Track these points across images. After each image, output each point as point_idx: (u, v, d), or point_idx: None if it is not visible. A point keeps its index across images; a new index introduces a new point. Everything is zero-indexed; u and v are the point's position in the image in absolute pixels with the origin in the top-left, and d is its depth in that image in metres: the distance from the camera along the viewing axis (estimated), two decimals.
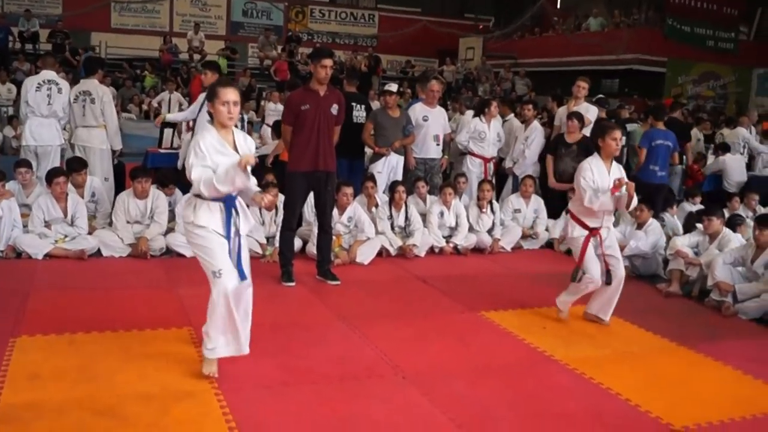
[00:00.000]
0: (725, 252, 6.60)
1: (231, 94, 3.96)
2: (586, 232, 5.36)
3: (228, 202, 4.02)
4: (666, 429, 3.91)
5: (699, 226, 7.21)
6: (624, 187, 5.21)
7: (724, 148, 11.09)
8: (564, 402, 4.19)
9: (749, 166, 11.47)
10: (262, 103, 14.46)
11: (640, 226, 7.39)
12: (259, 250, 6.89)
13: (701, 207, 8.50)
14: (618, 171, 5.38)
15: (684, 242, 6.96)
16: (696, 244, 7.00)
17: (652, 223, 7.43)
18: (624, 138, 9.27)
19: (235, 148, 4.03)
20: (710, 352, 5.14)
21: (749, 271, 6.39)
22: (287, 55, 18.35)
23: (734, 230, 7.33)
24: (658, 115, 8.82)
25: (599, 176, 5.27)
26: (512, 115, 10.04)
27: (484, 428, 3.78)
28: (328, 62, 6.07)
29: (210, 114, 4.10)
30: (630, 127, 9.98)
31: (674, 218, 8.34)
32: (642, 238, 7.25)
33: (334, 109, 6.22)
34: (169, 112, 14.43)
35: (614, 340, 5.35)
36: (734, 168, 10.48)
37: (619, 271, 5.51)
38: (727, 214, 8.20)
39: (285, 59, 18.33)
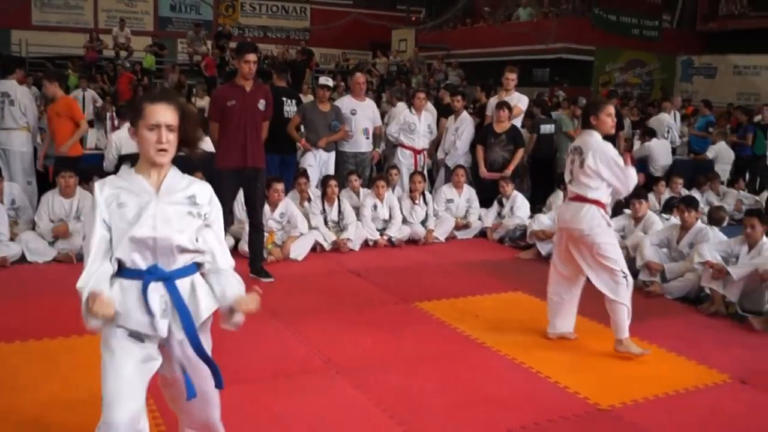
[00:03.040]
0: (651, 234, 6.80)
1: (162, 114, 2.58)
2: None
3: (146, 279, 2.58)
4: (593, 409, 4.03)
5: (626, 210, 7.40)
6: None
7: (650, 133, 11.38)
8: (496, 387, 4.27)
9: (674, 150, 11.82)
10: (192, 99, 14.25)
11: None
12: None
13: None
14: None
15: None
16: (622, 228, 7.18)
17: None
18: (552, 127, 9.51)
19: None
20: (636, 332, 5.25)
21: (675, 251, 6.60)
22: (219, 51, 18.09)
23: (671, 212, 7.57)
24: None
25: None
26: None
27: (418, 417, 3.82)
28: (252, 57, 6.01)
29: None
30: (555, 115, 10.17)
31: None
32: None
33: (261, 104, 6.17)
34: (83, 109, 14.11)
35: (545, 325, 5.43)
36: (660, 153, 10.76)
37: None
38: (652, 198, 8.45)
39: (215, 55, 18.07)
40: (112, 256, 2.57)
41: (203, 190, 2.71)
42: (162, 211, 2.57)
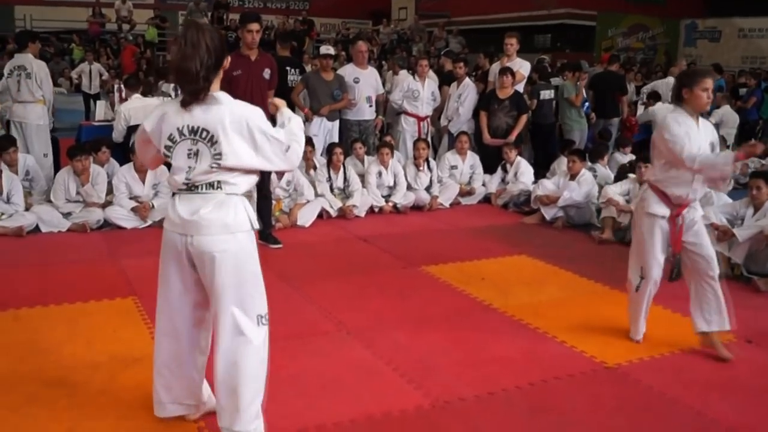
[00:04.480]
0: None
1: None
2: (667, 211, 4.23)
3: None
4: (600, 367, 4.10)
5: (631, 175, 7.43)
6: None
7: (654, 97, 11.36)
8: (503, 346, 4.35)
9: None
10: None
11: (573, 177, 7.59)
12: None
13: (632, 157, 8.73)
14: (711, 131, 4.30)
15: (615, 190, 7.17)
16: (627, 192, 7.21)
17: (585, 174, 7.64)
18: (551, 92, 9.50)
19: None
20: None
21: None
22: (216, 22, 18.00)
23: None
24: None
25: (692, 134, 4.08)
26: None
27: (426, 374, 3.91)
28: (255, 26, 6.03)
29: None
30: (555, 81, 10.15)
31: (606, 168, 8.56)
32: (575, 189, 7.46)
33: (267, 73, 6.19)
34: (90, 84, 14.13)
35: (550, 287, 5.53)
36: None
37: (700, 263, 4.29)
38: None
39: (215, 26, 17.98)
40: None
41: None
42: None
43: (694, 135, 4.08)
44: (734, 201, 6.39)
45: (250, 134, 2.85)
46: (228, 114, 2.83)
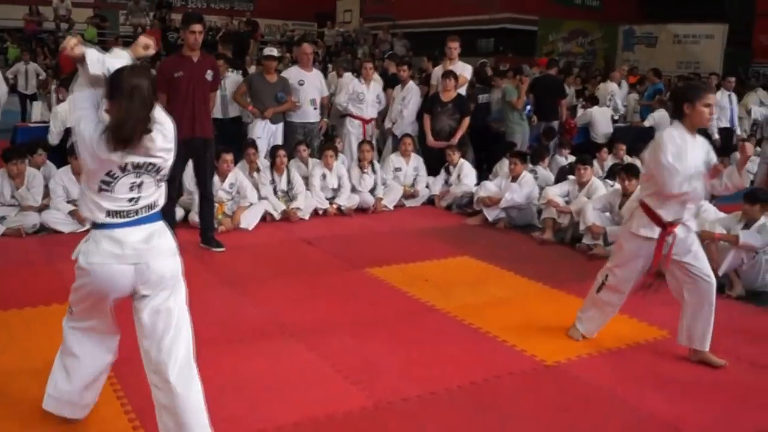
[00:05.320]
0: (594, 199, 6.99)
1: None
2: (657, 231, 4.09)
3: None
4: (540, 365, 4.19)
5: (570, 177, 7.59)
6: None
7: (592, 100, 11.62)
8: (446, 347, 4.40)
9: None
10: None
11: (514, 179, 7.70)
12: None
13: (572, 159, 8.91)
14: (707, 148, 4.14)
15: (556, 192, 7.31)
16: (567, 193, 7.36)
17: (526, 176, 7.77)
18: (487, 96, 9.62)
19: None
20: (580, 292, 5.42)
21: (617, 215, 6.80)
22: (159, 22, 17.75)
23: (614, 178, 7.78)
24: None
25: (688, 152, 3.95)
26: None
27: (370, 376, 3.93)
28: (197, 27, 5.97)
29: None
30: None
31: (546, 170, 8.72)
32: (516, 190, 7.58)
33: (209, 75, 6.14)
34: (26, 84, 13.78)
35: (492, 288, 5.61)
36: (601, 120, 11.01)
37: (702, 286, 4.20)
38: (596, 164, 8.67)
39: (155, 26, 17.73)
40: None
41: None
42: None
43: (690, 152, 3.95)
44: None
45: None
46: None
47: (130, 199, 2.83)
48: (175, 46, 12.56)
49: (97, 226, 2.87)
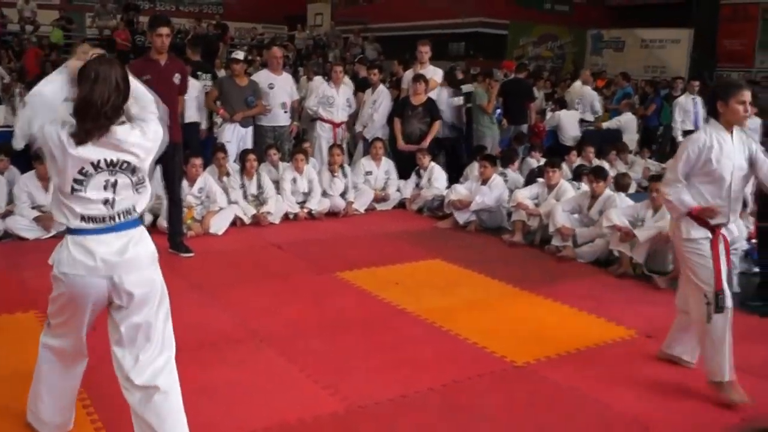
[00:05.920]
0: (563, 201, 7.06)
1: None
2: (708, 233, 3.87)
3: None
4: (509, 366, 4.22)
5: (539, 179, 7.65)
6: None
7: (560, 104, 11.72)
8: (416, 350, 4.41)
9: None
10: None
11: (484, 182, 7.74)
12: None
13: (543, 161, 8.97)
14: (748, 144, 3.94)
15: (525, 194, 7.36)
16: (536, 196, 7.42)
17: (496, 179, 7.81)
18: (460, 99, 9.66)
19: None
20: (549, 293, 5.53)
21: (585, 217, 6.88)
22: (126, 24, 17.57)
23: (581, 180, 7.88)
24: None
25: (725, 148, 3.83)
26: None
27: (341, 379, 3.93)
28: (165, 30, 5.93)
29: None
30: (467, 88, 10.33)
31: (516, 173, 8.78)
32: (487, 193, 7.62)
33: (177, 78, 6.10)
34: None
35: (462, 290, 5.63)
36: (569, 123, 11.09)
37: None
38: (565, 167, 8.75)
39: (121, 27, 17.54)
40: None
41: None
42: None
43: (728, 150, 3.83)
44: (636, 203, 6.66)
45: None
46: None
47: (105, 201, 2.74)
48: (142, 49, 12.43)
49: (70, 231, 2.77)
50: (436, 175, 8.54)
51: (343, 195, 8.20)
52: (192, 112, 8.08)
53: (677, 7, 20.53)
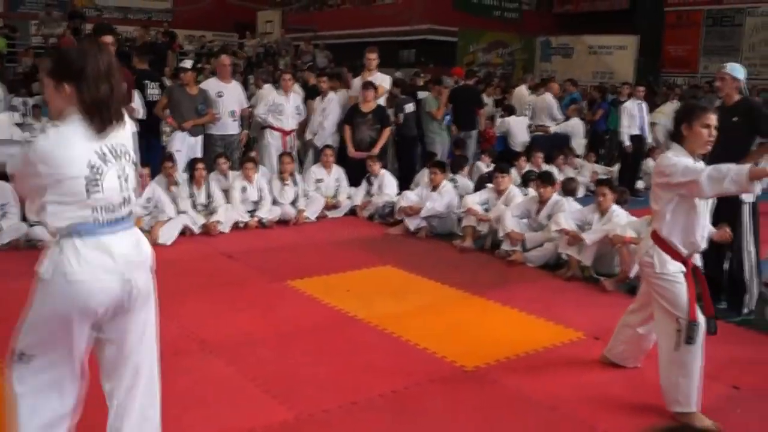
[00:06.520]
0: (512, 206, 7.14)
1: None
2: (682, 267, 3.71)
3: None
4: (459, 371, 4.24)
5: (489, 185, 7.73)
6: None
7: (509, 110, 11.86)
8: (367, 356, 4.42)
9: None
10: None
11: (435, 188, 7.79)
12: None
13: (493, 167, 9.06)
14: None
15: (475, 200, 7.43)
16: (486, 201, 7.49)
17: (446, 185, 7.87)
18: (412, 106, 9.72)
19: None
20: (499, 297, 5.59)
21: (534, 222, 6.98)
22: (72, 32, 17.26)
23: (527, 185, 7.98)
24: None
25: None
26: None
27: (291, 388, 3.91)
28: (108, 39, 5.86)
29: None
30: (421, 95, 10.41)
31: (466, 179, 8.86)
32: (437, 199, 7.67)
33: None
34: None
35: (413, 296, 5.66)
36: (518, 129, 11.24)
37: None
38: (514, 173, 8.85)
39: (67, 33, 17.23)
40: None
41: None
42: None
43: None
44: (583, 207, 6.78)
45: None
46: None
47: (123, 201, 2.61)
48: None
49: (73, 234, 2.50)
50: (387, 182, 8.57)
51: (293, 203, 8.17)
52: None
53: (623, 14, 20.98)
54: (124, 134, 2.66)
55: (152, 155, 7.81)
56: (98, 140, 2.54)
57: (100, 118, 2.52)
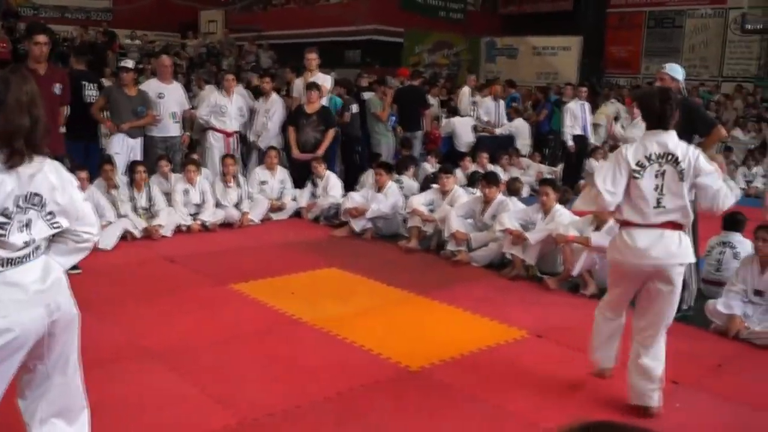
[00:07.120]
0: (457, 206, 7.18)
1: None
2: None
3: None
4: (404, 371, 4.24)
5: (434, 185, 7.76)
6: None
7: (454, 111, 11.95)
8: (312, 358, 4.39)
9: None
10: None
11: (380, 189, 7.79)
12: None
13: (439, 167, 9.10)
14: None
15: (420, 201, 7.45)
16: (431, 202, 7.51)
17: (392, 186, 7.88)
18: (356, 107, 9.71)
19: None
20: (444, 297, 5.61)
21: (479, 222, 7.02)
22: (6, 32, 16.78)
23: (474, 186, 8.02)
24: None
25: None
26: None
27: (234, 393, 3.86)
28: (42, 38, 5.71)
29: None
30: (366, 95, 10.41)
31: (412, 180, 8.88)
32: (382, 201, 7.67)
33: (57, 88, 5.88)
34: None
35: (358, 297, 5.64)
36: (463, 130, 11.32)
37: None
38: (460, 173, 8.92)
39: (4, 36, 16.76)
40: None
41: None
42: None
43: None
44: (527, 207, 6.85)
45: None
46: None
47: (25, 243, 2.50)
48: (24, 58, 11.94)
49: None
50: (332, 183, 8.53)
51: (237, 205, 8.08)
52: None
53: (567, 15, 21.29)
54: (42, 176, 2.51)
55: (90, 158, 7.62)
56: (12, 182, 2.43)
57: (11, 150, 2.41)
